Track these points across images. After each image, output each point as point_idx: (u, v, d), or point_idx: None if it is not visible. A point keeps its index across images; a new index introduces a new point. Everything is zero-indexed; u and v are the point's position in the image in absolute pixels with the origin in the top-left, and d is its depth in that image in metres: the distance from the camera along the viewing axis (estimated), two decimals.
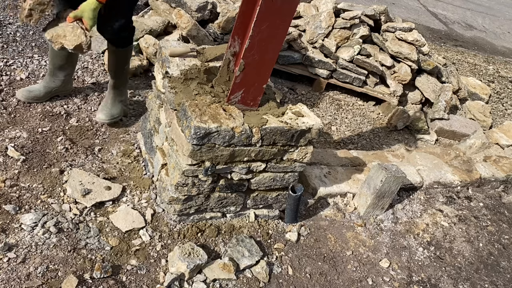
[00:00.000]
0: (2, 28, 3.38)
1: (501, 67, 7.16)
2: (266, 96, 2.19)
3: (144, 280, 1.93)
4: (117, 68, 2.67)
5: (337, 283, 2.26)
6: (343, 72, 4.23)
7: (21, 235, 1.92)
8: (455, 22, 9.28)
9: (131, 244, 2.06)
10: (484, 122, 4.70)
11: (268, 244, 2.32)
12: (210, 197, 2.20)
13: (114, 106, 2.73)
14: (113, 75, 2.69)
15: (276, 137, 2.05)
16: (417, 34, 4.30)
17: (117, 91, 2.74)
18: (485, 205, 3.24)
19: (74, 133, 2.60)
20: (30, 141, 2.42)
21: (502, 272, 2.69)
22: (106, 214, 2.16)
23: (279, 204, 2.44)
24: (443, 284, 2.47)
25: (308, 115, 2.19)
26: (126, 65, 2.73)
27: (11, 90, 2.77)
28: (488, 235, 2.96)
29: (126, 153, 2.58)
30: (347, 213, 2.71)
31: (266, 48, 1.90)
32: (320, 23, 4.16)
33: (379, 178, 2.56)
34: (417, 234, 2.76)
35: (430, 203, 3.04)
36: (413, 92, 4.54)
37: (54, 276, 1.81)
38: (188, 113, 1.91)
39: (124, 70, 2.72)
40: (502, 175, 3.43)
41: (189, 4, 3.75)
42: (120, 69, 2.69)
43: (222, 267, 2.05)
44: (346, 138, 3.83)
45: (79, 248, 1.95)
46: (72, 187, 2.19)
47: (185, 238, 2.19)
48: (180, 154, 2.03)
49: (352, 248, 2.49)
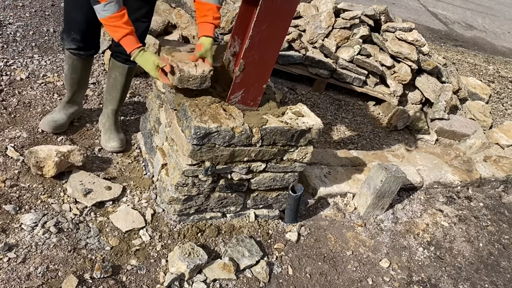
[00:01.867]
0: (2, 28, 3.38)
1: (501, 67, 7.16)
2: (266, 96, 2.19)
3: (144, 280, 1.93)
4: (125, 89, 2.55)
5: (337, 283, 2.26)
6: (343, 72, 4.23)
7: (21, 235, 1.92)
8: (455, 22, 9.28)
9: (131, 244, 2.06)
10: (484, 122, 4.70)
11: (268, 244, 2.32)
12: (210, 197, 2.20)
13: (119, 131, 2.62)
14: (118, 98, 2.56)
15: (276, 137, 2.05)
16: (417, 34, 4.30)
17: (117, 114, 2.63)
18: (485, 205, 3.24)
19: (74, 134, 2.60)
20: (30, 141, 2.42)
21: (502, 272, 2.69)
22: (106, 214, 2.16)
23: (279, 204, 2.44)
24: (443, 284, 2.47)
25: (308, 115, 2.19)
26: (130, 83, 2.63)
27: (11, 90, 2.77)
28: (488, 235, 2.96)
29: (126, 153, 2.58)
30: (347, 213, 2.71)
31: (266, 48, 1.90)
32: (320, 23, 4.16)
33: (379, 178, 2.56)
34: (417, 234, 2.76)
35: (430, 203, 3.04)
36: (413, 92, 4.54)
37: (54, 276, 1.81)
38: (188, 113, 1.91)
39: (128, 90, 2.61)
40: (502, 175, 3.43)
41: (189, 4, 3.75)
42: (127, 90, 2.59)
43: (222, 267, 2.05)
44: (346, 138, 3.83)
45: (79, 248, 1.95)
46: (73, 186, 2.19)
47: (185, 238, 2.19)
48: (180, 154, 2.03)
49: (352, 248, 2.49)
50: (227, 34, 3.89)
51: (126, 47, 1.92)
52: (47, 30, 3.59)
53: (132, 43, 1.91)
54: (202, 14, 2.04)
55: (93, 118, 2.77)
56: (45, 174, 2.19)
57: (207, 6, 2.02)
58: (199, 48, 1.98)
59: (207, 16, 2.03)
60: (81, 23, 2.23)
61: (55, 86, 2.97)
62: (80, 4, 2.15)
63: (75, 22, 2.24)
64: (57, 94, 2.89)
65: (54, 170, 2.18)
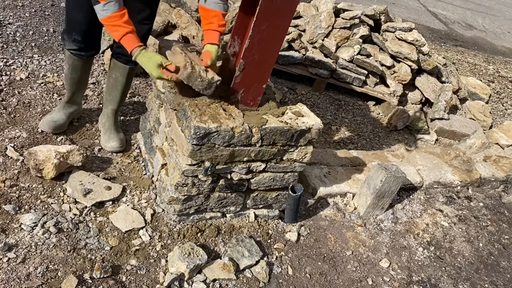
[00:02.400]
0: (2, 28, 3.38)
1: (501, 67, 7.16)
2: (266, 96, 2.18)
3: (144, 280, 1.93)
4: (125, 89, 2.54)
5: (337, 283, 2.26)
6: (343, 72, 4.23)
7: (21, 235, 1.92)
8: (455, 22, 9.28)
9: (131, 244, 2.06)
10: (484, 122, 4.70)
11: (268, 244, 2.32)
12: (210, 197, 2.20)
13: (119, 131, 2.62)
14: (119, 98, 2.55)
15: (276, 137, 2.05)
16: (417, 34, 4.30)
17: (116, 114, 2.62)
18: (485, 205, 3.24)
19: (74, 133, 2.60)
20: (30, 141, 2.42)
21: (502, 272, 2.69)
22: (106, 214, 2.16)
23: (279, 204, 2.44)
24: (443, 284, 2.47)
25: (308, 115, 2.19)
26: (131, 83, 2.62)
27: (11, 90, 2.77)
28: (488, 235, 2.96)
29: (126, 153, 2.58)
30: (347, 213, 2.71)
31: (266, 48, 1.90)
32: (320, 23, 4.16)
33: (379, 178, 2.56)
34: (417, 234, 2.76)
35: (430, 203, 3.04)
36: (413, 92, 4.54)
37: (54, 276, 1.81)
38: (188, 113, 1.91)
39: (129, 90, 2.60)
40: (502, 175, 3.43)
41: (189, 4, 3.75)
42: (127, 90, 2.58)
43: (222, 267, 2.05)
44: (346, 138, 3.83)
45: (79, 248, 1.95)
46: (72, 186, 2.19)
47: (185, 238, 2.18)
48: (180, 154, 2.02)
49: (352, 248, 2.49)
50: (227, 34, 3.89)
51: (127, 46, 1.90)
52: (47, 30, 3.59)
53: (133, 42, 1.90)
54: (208, 21, 2.02)
55: (93, 118, 2.77)
56: (45, 176, 2.19)
57: (212, 13, 2.01)
58: (207, 56, 1.96)
59: (213, 23, 2.01)
60: (82, 24, 2.23)
61: (55, 86, 2.97)
62: (80, 4, 2.15)
63: (76, 22, 2.24)
64: (56, 94, 2.89)
65: (53, 172, 2.18)
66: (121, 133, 2.63)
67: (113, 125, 2.59)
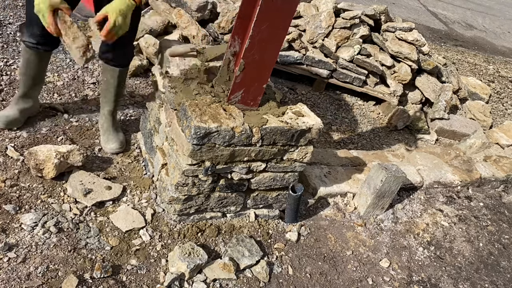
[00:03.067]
0: (2, 28, 3.38)
1: (501, 67, 7.16)
2: (266, 96, 2.19)
3: (144, 280, 1.93)
4: (119, 91, 2.53)
5: (337, 283, 2.26)
6: (343, 72, 4.23)
7: (21, 235, 1.92)
8: (455, 22, 9.28)
9: (131, 244, 2.06)
10: (484, 122, 4.70)
11: (268, 244, 2.32)
12: (210, 197, 2.20)
13: (118, 131, 2.61)
14: (113, 100, 2.54)
15: (276, 137, 2.05)
16: (417, 34, 4.30)
17: (114, 115, 2.62)
18: (485, 205, 3.24)
19: (74, 133, 2.60)
20: (30, 141, 2.42)
21: (502, 272, 2.70)
22: (106, 214, 2.16)
23: (279, 204, 2.44)
24: (443, 284, 2.47)
25: (308, 115, 2.19)
26: (125, 84, 2.61)
27: (11, 90, 2.77)
28: (488, 235, 2.96)
29: (126, 153, 2.58)
30: (347, 213, 2.71)
31: (266, 48, 1.90)
32: (320, 23, 4.16)
33: (379, 178, 2.56)
34: (417, 234, 2.76)
35: (430, 203, 3.04)
36: (413, 92, 4.54)
37: (54, 276, 1.81)
38: (188, 113, 1.91)
39: (123, 90, 2.58)
40: (502, 175, 3.43)
41: (189, 4, 3.75)
42: (122, 91, 2.57)
43: (222, 267, 2.05)
44: (346, 138, 3.83)
45: (79, 248, 1.95)
46: (73, 186, 2.19)
47: (185, 238, 2.19)
48: (180, 154, 2.03)
49: (352, 248, 2.49)
50: (227, 34, 3.88)
51: None
52: None
53: None
54: None
55: (93, 118, 2.77)
56: (45, 176, 2.19)
57: None
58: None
59: None
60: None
61: (55, 86, 2.97)
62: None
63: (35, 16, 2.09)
64: (57, 94, 2.89)
65: (54, 172, 2.18)
66: (121, 133, 2.62)
67: (112, 126, 2.58)
